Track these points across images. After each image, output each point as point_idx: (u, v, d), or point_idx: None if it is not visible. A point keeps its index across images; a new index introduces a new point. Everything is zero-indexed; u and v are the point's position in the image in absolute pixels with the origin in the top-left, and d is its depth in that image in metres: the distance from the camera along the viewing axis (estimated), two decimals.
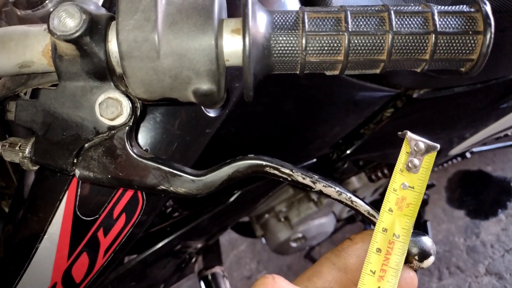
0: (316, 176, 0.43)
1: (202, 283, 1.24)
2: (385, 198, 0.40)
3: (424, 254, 0.40)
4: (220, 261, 1.30)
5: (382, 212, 0.40)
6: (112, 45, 0.39)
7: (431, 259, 0.40)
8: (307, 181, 0.43)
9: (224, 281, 1.23)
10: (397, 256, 0.39)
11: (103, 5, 0.62)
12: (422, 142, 0.40)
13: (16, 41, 0.41)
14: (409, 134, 0.40)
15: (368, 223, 1.85)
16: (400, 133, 0.41)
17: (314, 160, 1.14)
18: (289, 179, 0.43)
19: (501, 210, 2.15)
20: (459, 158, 1.71)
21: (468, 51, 0.39)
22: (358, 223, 1.86)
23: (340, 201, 0.43)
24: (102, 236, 0.62)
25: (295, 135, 0.98)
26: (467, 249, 2.05)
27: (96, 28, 0.39)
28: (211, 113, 0.63)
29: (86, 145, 0.43)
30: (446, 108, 1.12)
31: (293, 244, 1.50)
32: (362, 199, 0.43)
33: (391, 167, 1.45)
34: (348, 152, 1.14)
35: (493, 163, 2.30)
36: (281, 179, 0.44)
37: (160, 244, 0.95)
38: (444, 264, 2.02)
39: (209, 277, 1.23)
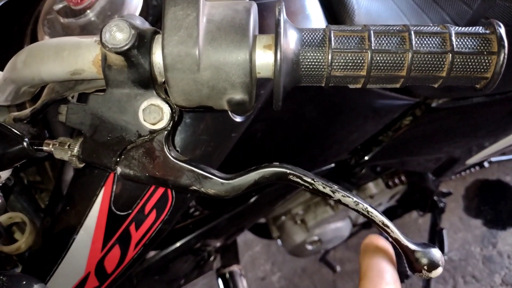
0: (336, 186, 0.46)
1: (220, 281, 1.28)
2: None
3: (433, 265, 0.42)
4: (238, 260, 1.33)
5: None
6: (156, 57, 0.44)
7: (439, 270, 0.43)
8: (327, 190, 0.46)
9: (241, 279, 1.27)
10: None
11: (140, 14, 0.67)
12: None
13: (69, 51, 0.46)
14: None
15: None
16: None
17: (333, 165, 1.16)
18: (310, 187, 0.46)
19: None
20: (477, 167, 1.72)
21: (482, 70, 0.42)
22: (373, 228, 1.88)
23: (357, 211, 0.46)
24: (134, 230, 0.67)
25: (315, 140, 1.02)
26: (483, 258, 2.04)
27: (142, 41, 0.43)
28: (237, 118, 0.67)
29: (128, 146, 0.47)
30: (464, 117, 1.14)
31: (309, 247, 1.53)
32: (378, 210, 0.46)
33: (408, 174, 1.46)
34: (366, 158, 1.17)
35: None
36: (302, 187, 0.47)
37: (181, 242, 0.99)
38: (459, 273, 2.02)
39: (227, 275, 1.27)
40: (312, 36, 0.43)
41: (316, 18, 0.77)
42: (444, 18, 0.87)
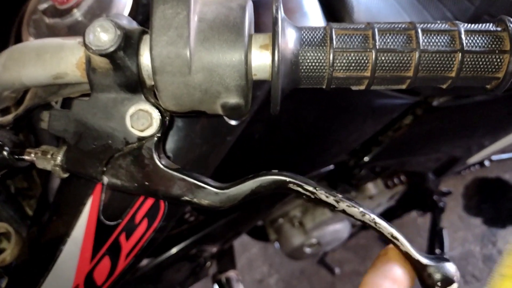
0: (340, 196, 0.43)
1: (216, 287, 1.24)
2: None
3: (447, 281, 0.39)
4: (234, 265, 1.30)
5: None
6: (144, 59, 0.41)
7: (455, 286, 0.39)
8: (331, 199, 0.42)
9: (238, 285, 1.24)
10: None
11: (129, 15, 0.63)
12: None
13: (51, 54, 0.43)
14: None
15: None
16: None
17: (332, 166, 1.14)
18: (312, 196, 0.43)
19: None
20: (477, 166, 1.69)
21: (494, 70, 0.40)
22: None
23: (363, 222, 0.42)
24: (124, 240, 0.64)
25: (314, 141, 0.99)
26: (483, 257, 2.03)
27: (129, 42, 0.40)
28: (232, 121, 0.64)
29: (116, 154, 0.44)
30: (465, 116, 1.12)
31: (307, 250, 1.50)
32: (386, 221, 0.42)
33: (408, 174, 1.44)
34: (366, 159, 1.14)
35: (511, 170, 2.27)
36: (304, 196, 0.44)
37: (176, 248, 0.96)
38: (459, 272, 2.00)
39: (224, 280, 1.24)
40: (312, 35, 0.40)
41: (314, 16, 0.74)
42: (445, 14, 0.84)
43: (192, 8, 0.38)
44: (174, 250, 0.95)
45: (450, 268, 0.39)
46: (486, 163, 1.70)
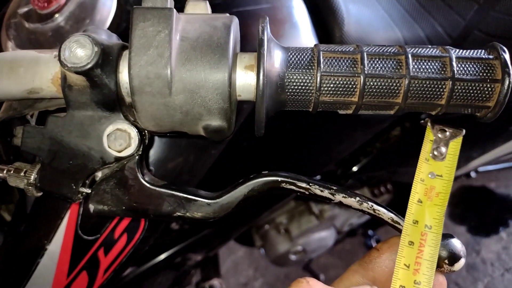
0: (335, 187, 0.42)
1: None
2: (412, 189, 0.39)
3: (454, 257, 0.38)
4: (218, 273, 1.29)
5: (410, 203, 0.39)
6: (123, 76, 0.39)
7: (462, 262, 0.39)
8: (326, 193, 0.42)
9: None
10: (431, 248, 0.38)
11: (109, 28, 0.61)
12: (446, 128, 0.39)
13: (25, 67, 0.41)
14: (432, 121, 0.39)
15: (368, 237, 1.84)
16: (422, 121, 0.40)
17: (319, 177, 1.13)
18: (307, 192, 0.42)
19: (502, 228, 2.13)
20: (463, 177, 1.70)
21: (485, 99, 0.39)
22: (358, 236, 1.85)
23: (362, 211, 0.42)
24: (103, 256, 0.62)
25: (302, 150, 0.98)
26: (466, 266, 2.03)
27: (107, 59, 0.38)
28: None
29: (98, 178, 0.42)
30: None
31: (293, 257, 1.49)
32: (385, 206, 0.41)
33: (395, 184, 1.43)
34: (354, 169, 1.13)
35: (497, 180, 2.28)
36: (298, 193, 0.43)
37: (160, 258, 0.94)
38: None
39: None
40: (299, 56, 0.39)
41: (304, 27, 0.73)
42: (436, 29, 0.83)
43: (174, 27, 0.37)
44: (158, 259, 0.93)
45: (456, 244, 0.39)
46: (472, 174, 1.70)
